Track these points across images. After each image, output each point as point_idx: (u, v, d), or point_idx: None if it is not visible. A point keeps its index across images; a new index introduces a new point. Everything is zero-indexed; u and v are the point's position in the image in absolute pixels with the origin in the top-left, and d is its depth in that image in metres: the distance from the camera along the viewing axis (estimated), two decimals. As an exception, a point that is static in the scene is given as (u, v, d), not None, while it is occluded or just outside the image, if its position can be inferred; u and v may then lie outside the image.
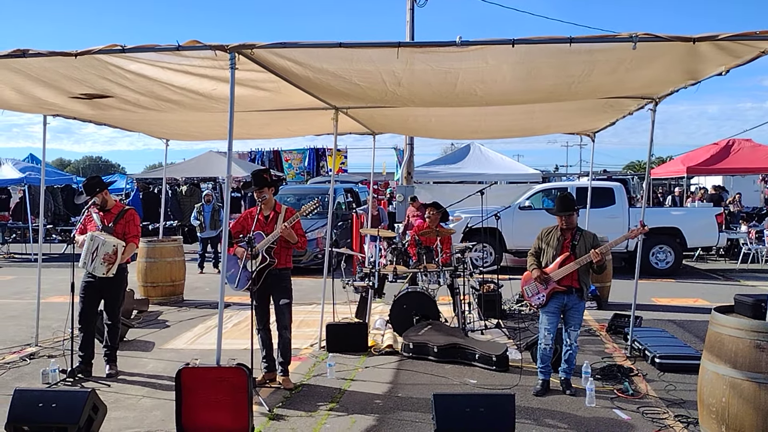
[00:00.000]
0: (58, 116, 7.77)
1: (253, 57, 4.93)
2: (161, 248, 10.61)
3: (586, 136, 10.37)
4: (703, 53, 4.70)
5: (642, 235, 6.39)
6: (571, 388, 5.80)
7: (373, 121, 8.83)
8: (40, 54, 4.94)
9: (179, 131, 9.62)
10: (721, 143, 18.26)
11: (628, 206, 13.80)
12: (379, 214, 13.97)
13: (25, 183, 18.86)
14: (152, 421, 5.24)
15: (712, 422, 4.42)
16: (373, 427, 5.11)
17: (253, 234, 5.87)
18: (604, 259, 5.79)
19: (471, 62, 5.08)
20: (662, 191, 25.91)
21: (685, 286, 12.13)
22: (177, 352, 7.39)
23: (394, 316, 7.80)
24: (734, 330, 4.34)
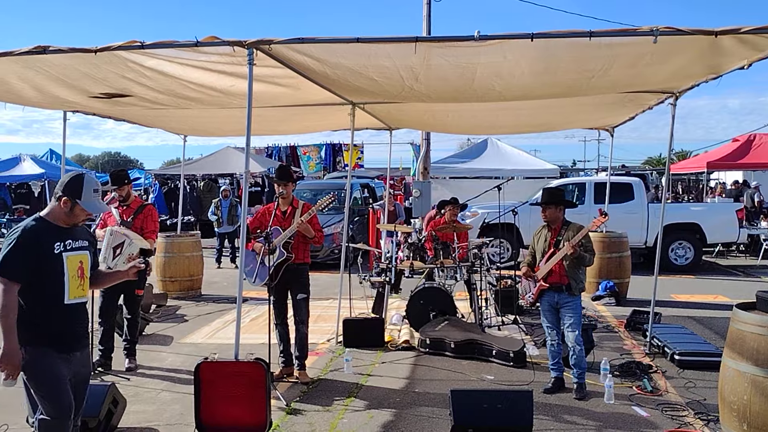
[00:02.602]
0: (77, 112, 7.84)
1: (270, 53, 4.92)
2: (179, 243, 10.69)
3: (605, 131, 10.28)
4: (725, 47, 4.63)
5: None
6: (581, 392, 5.62)
7: (389, 117, 8.81)
8: (60, 50, 4.97)
9: (197, 127, 9.67)
10: (742, 138, 18.04)
11: (648, 201, 13.67)
12: (395, 209, 13.96)
13: (45, 178, 19.08)
14: (171, 415, 5.29)
15: (734, 420, 4.37)
16: (390, 422, 5.12)
17: (271, 229, 5.89)
18: (578, 251, 5.56)
19: (489, 57, 5.04)
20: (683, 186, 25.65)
21: (705, 282, 12.01)
22: (195, 347, 7.45)
23: (410, 311, 7.80)
24: (756, 327, 4.28)
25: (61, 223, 3.53)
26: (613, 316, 8.92)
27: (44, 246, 3.41)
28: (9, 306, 3.28)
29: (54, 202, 3.54)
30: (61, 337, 3.50)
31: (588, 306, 9.29)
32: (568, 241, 5.60)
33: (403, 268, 8.17)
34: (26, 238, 3.37)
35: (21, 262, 3.33)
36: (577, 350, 5.64)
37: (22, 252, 3.34)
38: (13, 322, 3.29)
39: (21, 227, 3.41)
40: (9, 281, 3.29)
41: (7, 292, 3.28)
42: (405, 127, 10.55)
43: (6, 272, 3.30)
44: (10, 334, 3.29)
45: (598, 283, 10.04)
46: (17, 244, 3.34)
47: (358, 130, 9.28)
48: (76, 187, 3.53)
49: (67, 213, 3.52)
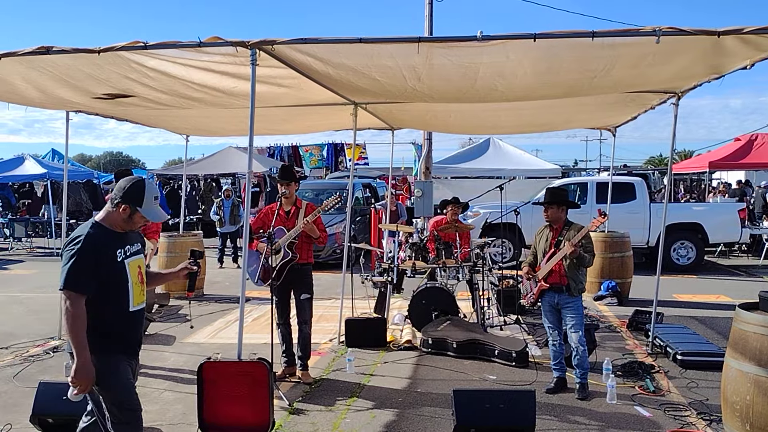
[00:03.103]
0: (80, 112, 7.86)
1: (273, 53, 4.93)
2: (182, 243, 10.70)
3: (607, 131, 10.27)
4: (727, 47, 4.63)
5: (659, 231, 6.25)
6: (583, 392, 5.62)
7: (391, 117, 8.82)
8: (63, 51, 4.98)
9: (199, 127, 9.67)
10: (744, 138, 18.02)
11: (650, 201, 13.67)
12: (397, 209, 13.96)
13: (47, 178, 19.11)
14: (174, 415, 5.30)
15: (736, 420, 4.38)
16: (392, 422, 5.12)
17: (274, 229, 5.90)
18: (578, 251, 5.55)
19: (491, 57, 5.04)
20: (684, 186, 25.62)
21: (708, 282, 12.00)
22: (198, 346, 7.46)
23: (412, 311, 7.80)
24: (759, 327, 4.28)
25: (117, 228, 3.43)
26: (615, 316, 8.92)
27: (107, 254, 3.33)
28: (79, 320, 3.19)
29: (110, 207, 3.42)
30: (128, 343, 3.48)
31: (590, 306, 9.29)
32: (568, 241, 5.60)
33: (405, 267, 8.17)
34: (89, 248, 3.25)
35: (87, 273, 3.22)
36: (580, 350, 5.64)
37: (87, 262, 3.23)
38: (84, 336, 3.20)
39: (82, 237, 3.27)
40: (76, 294, 3.20)
41: (76, 305, 3.18)
42: (407, 127, 10.55)
43: (72, 285, 3.20)
44: (83, 349, 3.20)
45: (600, 283, 10.04)
46: (81, 255, 3.22)
47: (360, 129, 9.27)
48: (137, 195, 3.42)
49: (125, 220, 3.42)
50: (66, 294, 3.19)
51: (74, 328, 3.17)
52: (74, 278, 3.20)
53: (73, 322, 3.17)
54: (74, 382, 3.20)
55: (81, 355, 3.18)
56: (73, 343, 3.18)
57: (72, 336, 3.18)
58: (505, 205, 9.66)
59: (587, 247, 5.67)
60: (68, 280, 3.20)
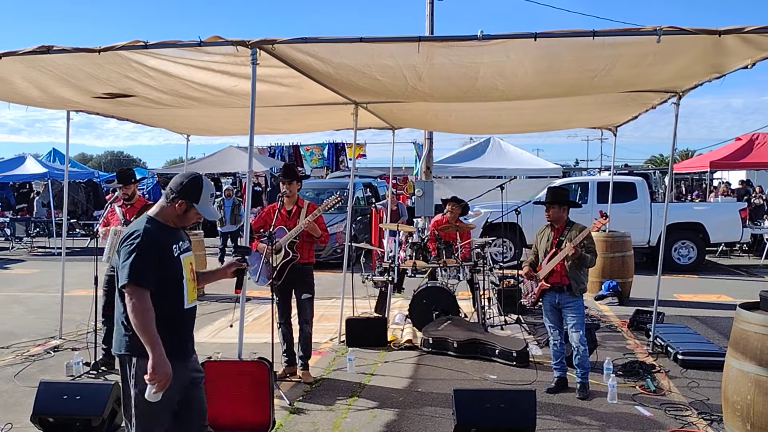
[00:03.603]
0: (80, 112, 7.86)
1: (274, 52, 4.93)
2: (182, 242, 10.68)
3: (608, 130, 10.28)
4: (728, 46, 4.63)
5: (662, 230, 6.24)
6: (584, 391, 5.61)
7: (392, 116, 8.82)
8: (64, 50, 4.99)
9: (200, 126, 9.69)
10: (745, 138, 18.01)
11: (650, 201, 13.67)
12: (398, 208, 13.96)
13: (48, 177, 19.12)
14: (175, 414, 5.29)
15: (737, 420, 4.37)
16: (393, 421, 5.12)
17: (275, 229, 5.90)
18: (579, 252, 5.53)
19: (492, 56, 5.05)
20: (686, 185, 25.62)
21: (709, 281, 11.99)
22: (198, 346, 7.35)
23: (413, 311, 7.80)
24: (760, 327, 4.28)
25: (170, 223, 3.38)
26: (616, 315, 8.91)
27: (165, 248, 3.27)
28: (149, 314, 3.09)
29: (164, 202, 3.37)
30: (181, 342, 3.38)
31: (591, 306, 9.28)
32: (570, 241, 5.60)
33: (406, 267, 8.17)
34: (148, 242, 3.19)
35: (148, 266, 3.15)
36: (581, 350, 5.63)
37: (148, 256, 3.16)
38: (156, 331, 3.09)
39: (140, 231, 3.21)
40: (141, 288, 3.11)
41: (143, 300, 3.10)
42: (408, 127, 10.55)
43: (137, 279, 3.11)
44: (156, 344, 3.08)
45: (601, 283, 10.04)
46: (142, 249, 3.15)
47: (361, 129, 9.28)
48: (195, 191, 3.36)
49: (180, 215, 3.37)
50: (130, 290, 3.11)
51: (145, 323, 3.07)
52: (138, 272, 3.11)
53: (143, 316, 3.07)
54: (152, 379, 3.07)
55: (156, 351, 3.07)
56: (146, 339, 3.07)
57: (143, 332, 3.07)
58: (506, 205, 9.65)
59: (589, 247, 5.66)
60: (132, 275, 3.11)
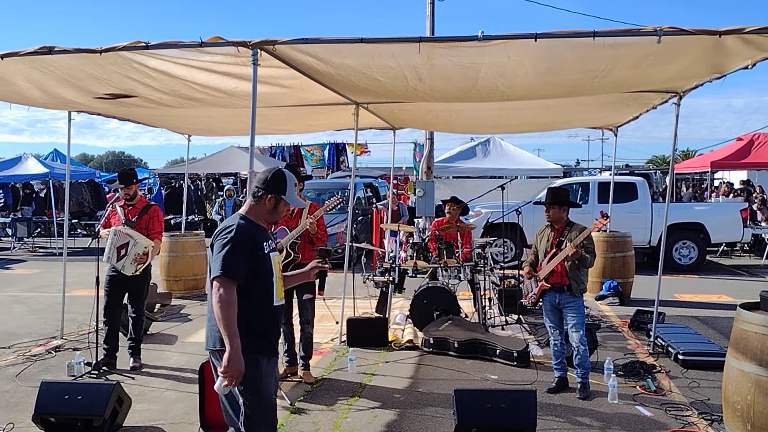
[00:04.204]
0: (82, 112, 7.88)
1: (275, 53, 4.94)
2: (183, 243, 10.71)
3: (609, 131, 10.28)
4: (729, 47, 4.63)
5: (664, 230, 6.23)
6: (585, 391, 5.61)
7: (393, 116, 8.83)
8: (66, 51, 5.00)
9: (201, 127, 9.70)
10: (746, 138, 18.01)
11: (651, 201, 13.67)
12: (399, 209, 13.97)
13: (49, 178, 19.13)
14: (176, 414, 5.31)
15: (737, 420, 4.38)
16: (393, 421, 5.13)
17: (276, 230, 5.90)
18: (579, 252, 5.53)
19: (492, 57, 5.05)
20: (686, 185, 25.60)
21: (709, 282, 11.99)
22: (200, 346, 7.45)
23: (414, 311, 7.81)
24: (760, 327, 4.28)
25: (262, 221, 3.44)
26: (616, 315, 8.91)
27: (257, 245, 3.31)
28: (233, 307, 3.13)
29: (253, 201, 3.42)
30: (269, 340, 3.41)
31: (592, 306, 9.29)
32: (570, 242, 5.60)
33: (407, 267, 8.18)
34: (242, 237, 3.24)
35: (240, 260, 3.19)
36: (582, 350, 5.64)
37: (241, 250, 3.21)
38: (236, 324, 3.13)
39: (234, 226, 3.26)
40: (230, 281, 3.15)
41: (230, 292, 3.13)
42: (408, 127, 10.57)
43: (228, 271, 3.14)
44: (234, 336, 3.11)
45: (601, 283, 10.04)
46: (235, 243, 3.20)
47: (362, 129, 9.30)
48: (281, 183, 3.41)
49: (271, 210, 3.42)
50: (220, 281, 3.14)
51: (228, 314, 3.10)
52: (229, 265, 3.15)
53: (228, 308, 3.11)
54: (225, 372, 3.09)
55: (233, 343, 3.10)
56: (226, 331, 3.10)
57: (225, 323, 3.10)
58: (506, 205, 9.66)
59: (588, 247, 5.66)
60: (224, 267, 3.15)
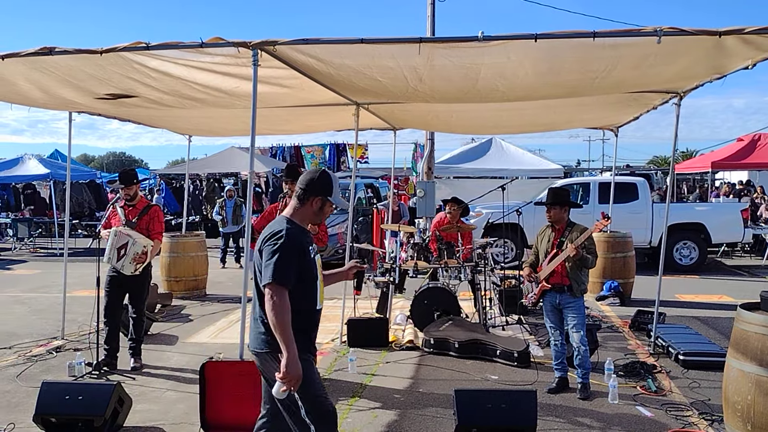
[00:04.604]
0: (83, 113, 7.89)
1: (275, 54, 4.94)
2: (184, 243, 10.72)
3: (609, 131, 10.28)
4: (729, 47, 4.63)
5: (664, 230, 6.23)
6: (585, 392, 5.62)
7: (393, 117, 8.83)
8: (66, 51, 5.01)
9: (202, 127, 9.70)
10: (747, 138, 18.01)
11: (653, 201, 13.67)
12: (399, 209, 13.97)
13: (50, 178, 19.15)
14: (177, 414, 5.31)
15: (738, 420, 4.38)
16: (394, 422, 5.13)
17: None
18: (580, 253, 5.53)
19: (493, 57, 5.05)
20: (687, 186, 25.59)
21: (710, 282, 11.99)
22: (200, 346, 7.47)
23: (414, 311, 7.81)
24: (760, 327, 4.28)
25: (306, 224, 3.45)
26: (617, 316, 8.91)
27: (305, 249, 3.32)
28: (288, 314, 3.13)
29: (298, 204, 3.42)
30: (313, 341, 3.43)
31: (592, 306, 9.29)
32: (571, 242, 5.60)
33: (407, 267, 8.18)
34: (292, 242, 3.23)
35: (291, 266, 3.20)
36: (582, 350, 5.64)
37: (291, 256, 3.21)
38: (291, 330, 3.13)
39: (283, 231, 3.24)
40: (283, 288, 3.15)
41: (284, 299, 3.14)
42: (409, 128, 10.56)
43: (280, 278, 3.15)
44: (292, 342, 3.11)
45: (602, 283, 10.04)
46: (286, 249, 3.19)
47: (363, 130, 9.30)
48: (327, 185, 3.42)
49: (317, 212, 3.44)
50: (273, 288, 3.14)
51: (284, 321, 3.11)
52: (281, 272, 3.15)
53: (283, 315, 3.12)
54: (285, 378, 3.09)
55: (291, 350, 3.10)
56: (283, 338, 3.10)
57: (281, 330, 3.10)
58: (507, 205, 9.66)
59: (589, 248, 5.66)
60: (276, 274, 3.15)
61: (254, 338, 3.37)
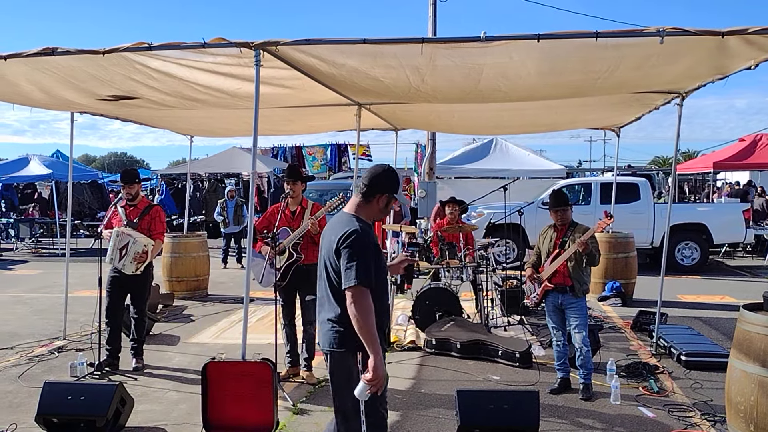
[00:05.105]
0: (84, 113, 7.89)
1: (277, 54, 4.94)
2: (186, 243, 10.72)
3: (611, 131, 10.27)
4: (731, 47, 4.63)
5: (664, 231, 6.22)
6: (587, 392, 5.60)
7: (395, 117, 8.83)
8: (68, 52, 5.01)
9: (204, 127, 9.71)
10: (749, 139, 17.99)
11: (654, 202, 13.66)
12: (401, 209, 13.95)
13: (52, 179, 19.16)
14: (178, 414, 5.31)
15: (740, 421, 4.37)
16: (396, 422, 5.12)
17: (278, 230, 5.90)
18: (589, 247, 5.53)
19: (495, 58, 5.05)
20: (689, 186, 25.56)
21: (712, 282, 11.97)
22: (202, 346, 7.47)
23: (416, 311, 7.80)
24: (763, 328, 4.27)
25: (371, 221, 3.41)
26: (619, 316, 8.90)
27: (377, 247, 3.30)
28: (372, 314, 3.12)
29: (363, 201, 3.37)
30: (384, 336, 3.37)
31: (594, 307, 9.28)
32: (573, 242, 5.60)
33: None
34: (368, 242, 3.21)
35: (371, 266, 3.18)
36: (584, 351, 5.64)
37: (369, 256, 3.19)
38: (376, 331, 3.13)
39: (358, 231, 3.20)
40: (366, 289, 3.12)
41: (368, 300, 3.12)
42: (410, 128, 10.57)
43: (364, 280, 3.12)
44: (377, 343, 3.10)
45: (604, 284, 10.03)
46: (364, 250, 3.17)
47: (364, 130, 9.30)
48: (394, 182, 3.40)
49: (382, 209, 3.41)
50: (357, 291, 3.11)
51: (369, 322, 3.09)
52: (364, 273, 3.13)
53: (369, 316, 3.09)
54: (373, 380, 3.07)
55: (378, 350, 3.09)
56: (368, 339, 3.08)
57: (366, 331, 3.08)
58: (509, 206, 9.65)
59: (594, 246, 5.68)
60: (360, 276, 3.11)
61: (326, 338, 3.33)
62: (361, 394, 3.11)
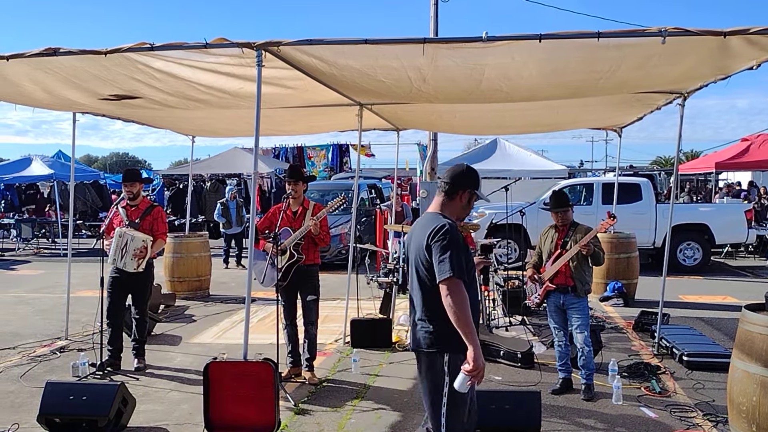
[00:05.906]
0: (86, 114, 7.90)
1: (279, 54, 4.94)
2: (187, 244, 10.73)
3: (613, 131, 10.26)
4: (733, 47, 4.62)
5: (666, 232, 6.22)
6: (589, 393, 5.60)
7: (397, 117, 8.82)
8: (71, 52, 5.02)
9: (205, 128, 9.71)
10: (750, 139, 17.97)
11: (656, 202, 13.64)
12: (403, 209, 13.95)
13: (54, 179, 19.18)
14: (180, 414, 5.32)
15: (743, 422, 4.36)
16: (397, 422, 5.13)
17: (280, 231, 5.90)
18: (592, 248, 5.56)
19: (497, 58, 5.05)
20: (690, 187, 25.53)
21: (714, 283, 11.96)
22: (204, 347, 7.48)
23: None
24: (765, 328, 4.27)
25: (455, 218, 3.43)
26: (621, 317, 8.90)
27: (465, 243, 3.32)
28: (468, 306, 3.13)
29: (446, 198, 3.41)
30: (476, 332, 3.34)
31: (596, 307, 9.27)
32: (575, 243, 5.61)
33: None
34: (457, 236, 3.24)
35: (463, 259, 3.20)
36: (586, 351, 5.63)
37: (460, 249, 3.22)
38: (473, 322, 3.14)
39: (447, 225, 3.24)
40: (460, 281, 3.14)
41: (463, 292, 3.14)
42: (412, 128, 10.55)
43: (459, 272, 3.14)
44: (474, 334, 3.12)
45: (606, 284, 10.02)
46: (455, 243, 3.20)
47: (366, 130, 9.28)
48: (475, 179, 3.44)
49: (465, 206, 3.44)
50: (452, 282, 3.13)
51: (466, 315, 3.10)
52: (459, 266, 3.15)
53: (466, 308, 3.11)
54: (473, 371, 3.09)
55: (476, 342, 3.11)
56: (466, 330, 3.09)
57: (464, 323, 3.09)
58: (510, 206, 9.65)
59: (597, 245, 5.69)
60: (455, 268, 3.13)
61: (421, 338, 3.34)
62: (462, 386, 3.12)
